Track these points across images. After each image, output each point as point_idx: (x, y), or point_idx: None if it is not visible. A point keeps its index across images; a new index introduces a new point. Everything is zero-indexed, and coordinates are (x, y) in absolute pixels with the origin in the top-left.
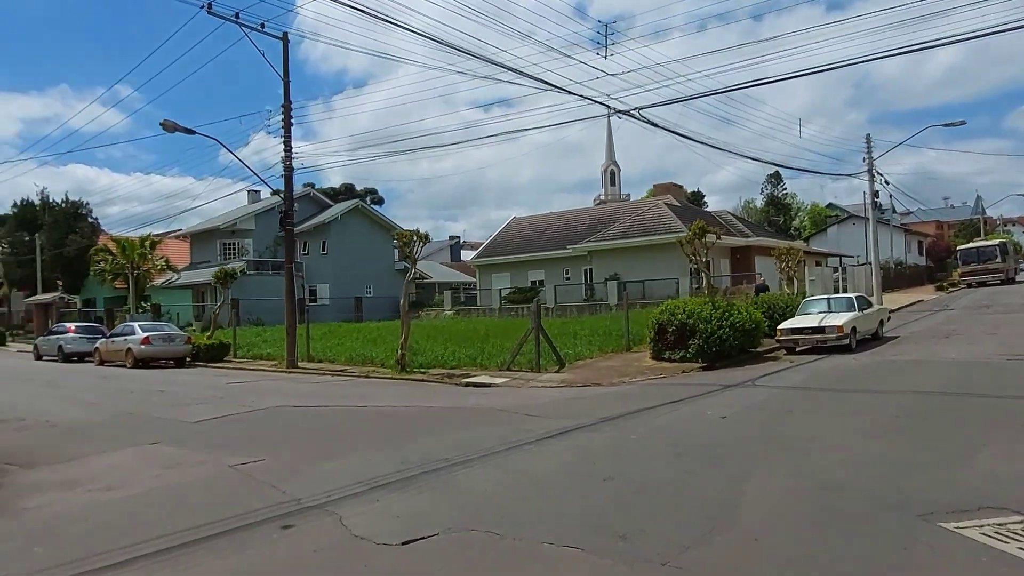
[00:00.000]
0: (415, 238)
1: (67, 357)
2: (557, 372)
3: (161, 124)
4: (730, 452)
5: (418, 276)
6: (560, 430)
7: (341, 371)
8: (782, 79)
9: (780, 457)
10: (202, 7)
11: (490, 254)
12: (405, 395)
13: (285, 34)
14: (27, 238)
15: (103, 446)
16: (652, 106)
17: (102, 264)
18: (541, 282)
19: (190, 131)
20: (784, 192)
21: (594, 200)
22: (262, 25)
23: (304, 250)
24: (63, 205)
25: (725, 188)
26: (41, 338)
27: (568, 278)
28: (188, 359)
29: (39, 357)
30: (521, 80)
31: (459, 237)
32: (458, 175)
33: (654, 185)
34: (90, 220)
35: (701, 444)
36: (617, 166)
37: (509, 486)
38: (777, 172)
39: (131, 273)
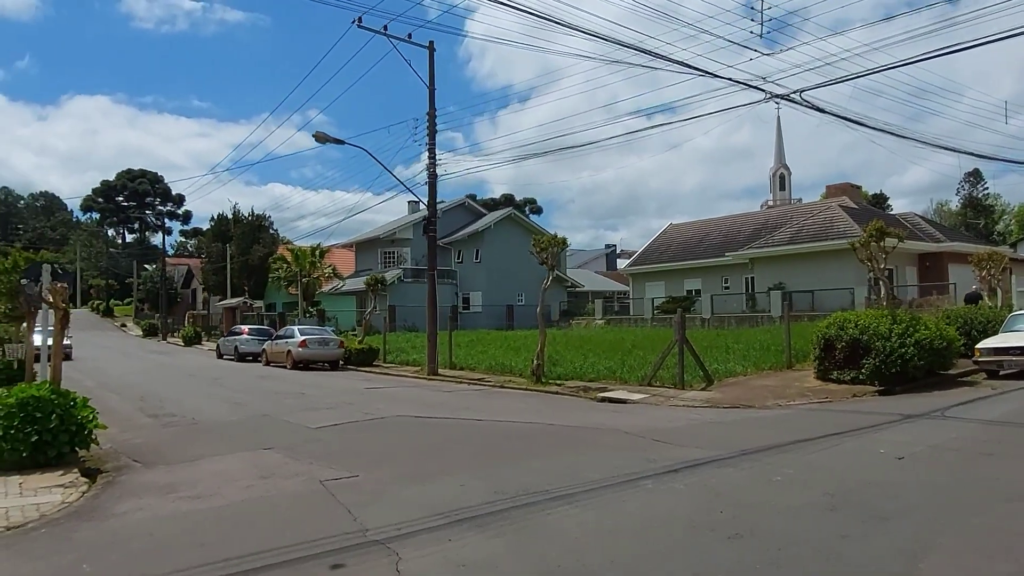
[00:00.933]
0: (552, 243)
1: (242, 357)
2: (703, 390)
3: (314, 136)
4: (906, 509)
5: (569, 285)
6: (688, 462)
7: (479, 380)
8: (984, 42)
9: (975, 521)
10: (353, 22)
11: (644, 262)
12: (531, 409)
13: (431, 43)
14: (219, 248)
15: (224, 448)
16: (816, 87)
17: (279, 272)
18: (697, 291)
19: (340, 141)
20: (985, 192)
21: (761, 206)
22: (409, 35)
23: (458, 258)
24: (249, 218)
25: (913, 190)
26: (222, 339)
27: (727, 287)
28: (341, 362)
29: (220, 356)
30: (683, 75)
31: (615, 246)
32: (619, 184)
33: (827, 187)
34: (271, 231)
35: (867, 495)
36: (787, 169)
37: (605, 534)
38: (977, 170)
39: (300, 280)
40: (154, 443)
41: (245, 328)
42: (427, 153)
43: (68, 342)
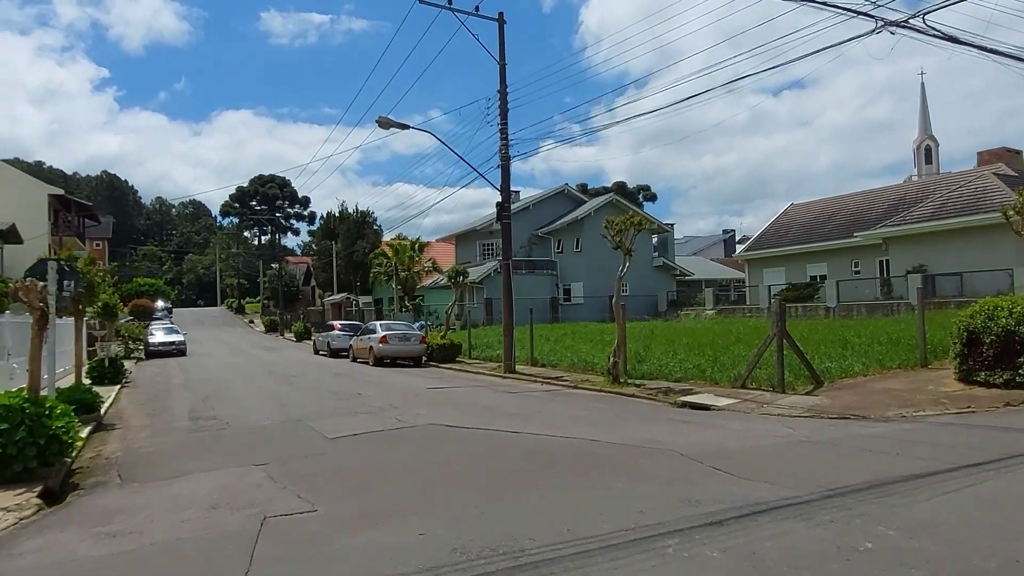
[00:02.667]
0: (627, 224)
1: (334, 352)
2: (808, 394)
3: (377, 122)
4: None
5: (678, 273)
6: (743, 507)
7: (555, 379)
8: None
9: None
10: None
11: (761, 246)
12: (588, 418)
13: (500, 15)
14: (327, 246)
15: (219, 463)
16: (944, 5)
17: (379, 267)
18: (822, 277)
19: (404, 126)
20: None
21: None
22: (476, 8)
23: (558, 248)
24: (354, 215)
25: None
26: (317, 335)
27: (857, 271)
28: (424, 359)
29: (316, 351)
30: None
31: (733, 231)
32: (744, 167)
33: (979, 154)
34: (375, 227)
35: None
36: (934, 140)
37: None
38: None
39: (396, 274)
40: (160, 453)
41: (337, 324)
42: (499, 134)
43: (182, 338)
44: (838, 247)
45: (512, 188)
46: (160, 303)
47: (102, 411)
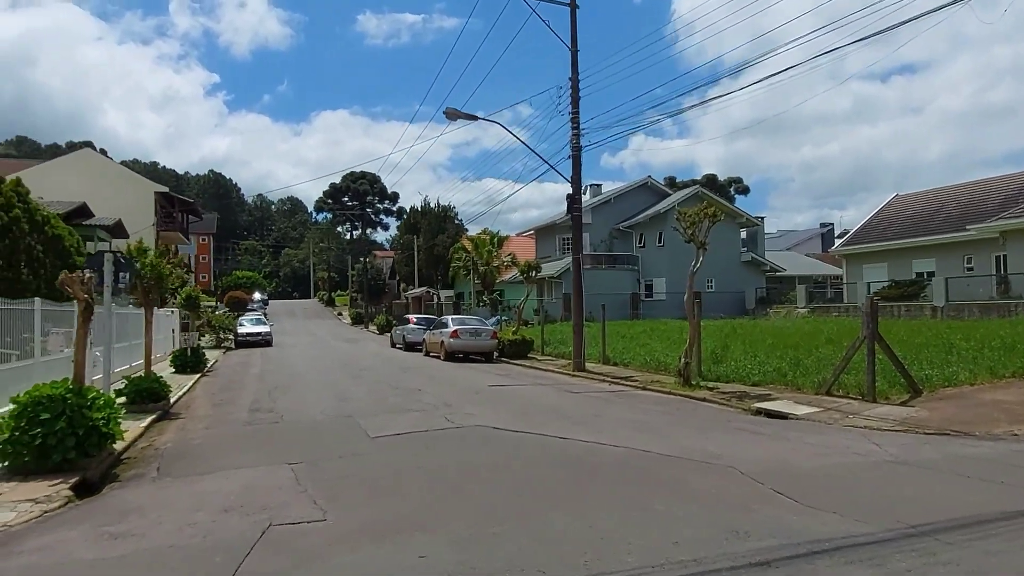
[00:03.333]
0: (701, 216)
1: (409, 346)
2: (903, 404)
3: (445, 113)
4: None
5: (768, 269)
6: (798, 547)
7: (624, 379)
8: None
9: None
10: None
11: (861, 240)
12: (647, 424)
13: (572, 1)
14: (409, 240)
15: (253, 460)
16: None
17: (458, 261)
18: (929, 274)
19: (473, 117)
20: None
21: None
22: None
23: (640, 243)
24: (436, 209)
25: None
26: (394, 328)
27: (970, 268)
28: (495, 354)
29: (393, 344)
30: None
31: (831, 224)
32: (846, 158)
33: None
34: (456, 221)
35: None
36: None
37: None
38: None
39: (474, 268)
40: (207, 446)
41: (412, 318)
42: (570, 123)
43: (268, 329)
44: (948, 241)
45: (595, 182)
46: (257, 295)
47: (171, 400)
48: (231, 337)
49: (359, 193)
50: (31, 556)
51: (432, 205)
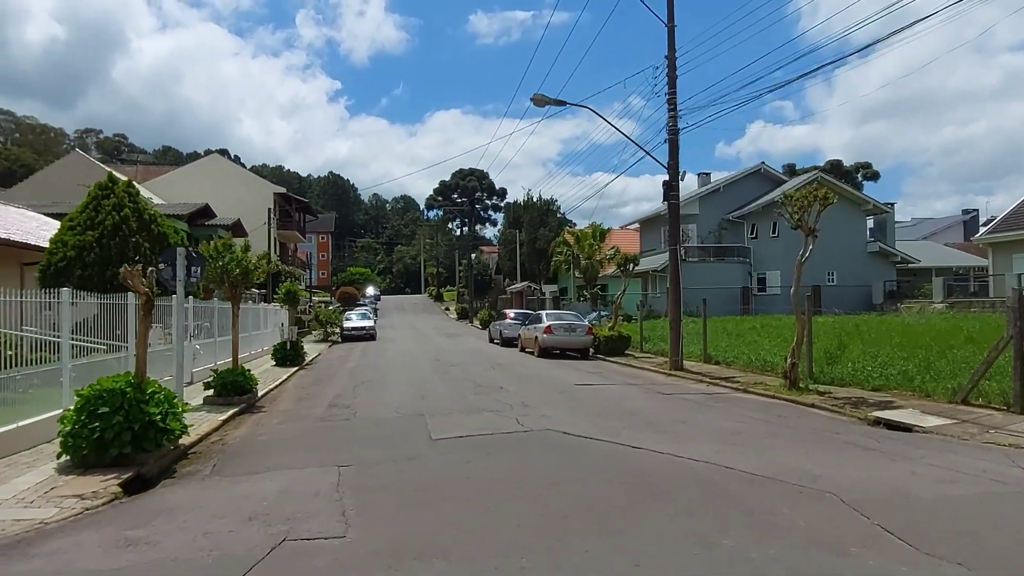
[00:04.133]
0: (809, 199)
1: (506, 342)
2: None
3: (532, 99)
4: None
5: (898, 260)
6: None
7: (724, 380)
8: None
9: None
10: None
11: (1011, 227)
12: (739, 434)
13: None
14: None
15: (307, 460)
16: None
17: (560, 255)
18: None
19: (561, 103)
20: None
21: None
22: None
23: (751, 233)
24: (538, 203)
25: None
26: (492, 323)
27: None
28: (591, 351)
29: (491, 340)
30: None
31: (976, 211)
32: (995, 138)
33: None
34: (558, 215)
35: None
36: None
37: None
38: None
39: (577, 262)
40: (271, 443)
41: (510, 313)
42: (667, 104)
43: (372, 323)
44: None
45: (705, 171)
46: (370, 290)
47: (258, 393)
48: (338, 331)
49: (468, 190)
50: (38, 561)
51: (535, 199)
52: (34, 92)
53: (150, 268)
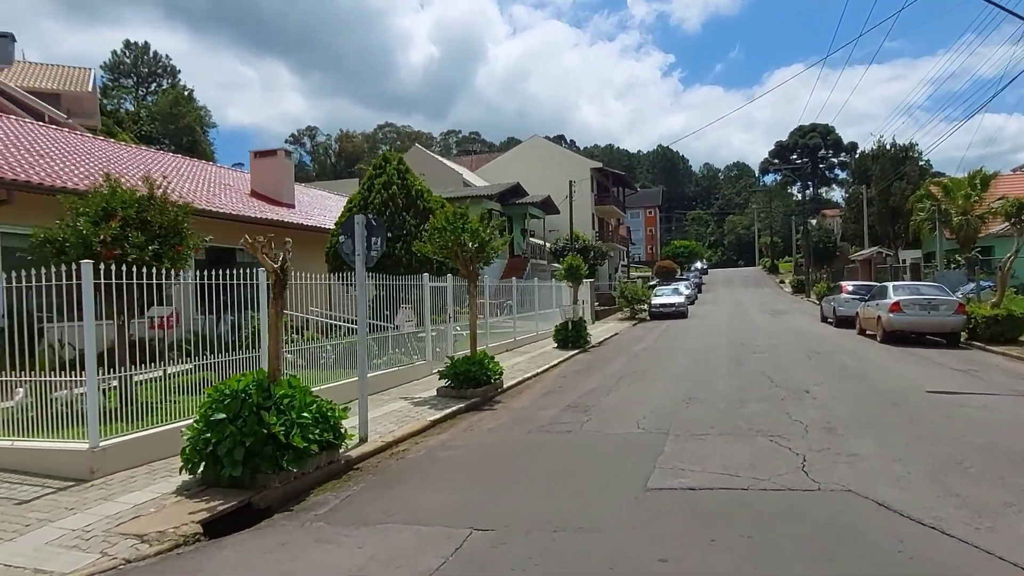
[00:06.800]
0: None
1: (840, 321)
2: None
3: None
4: None
5: None
6: None
7: None
8: None
9: None
10: None
11: None
12: None
13: None
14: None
15: (450, 509)
16: None
17: (921, 212)
18: None
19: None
20: None
21: None
22: None
23: None
24: (891, 151)
25: None
26: (824, 299)
27: None
28: (963, 336)
29: (823, 319)
30: None
31: None
32: None
33: None
34: (920, 163)
35: None
36: None
37: None
38: None
39: (940, 220)
40: (441, 467)
41: (847, 286)
42: None
43: (682, 300)
44: None
45: None
46: (699, 264)
47: (503, 384)
48: (645, 308)
49: (809, 148)
50: None
51: (887, 146)
52: (418, 107)
53: (287, 240)
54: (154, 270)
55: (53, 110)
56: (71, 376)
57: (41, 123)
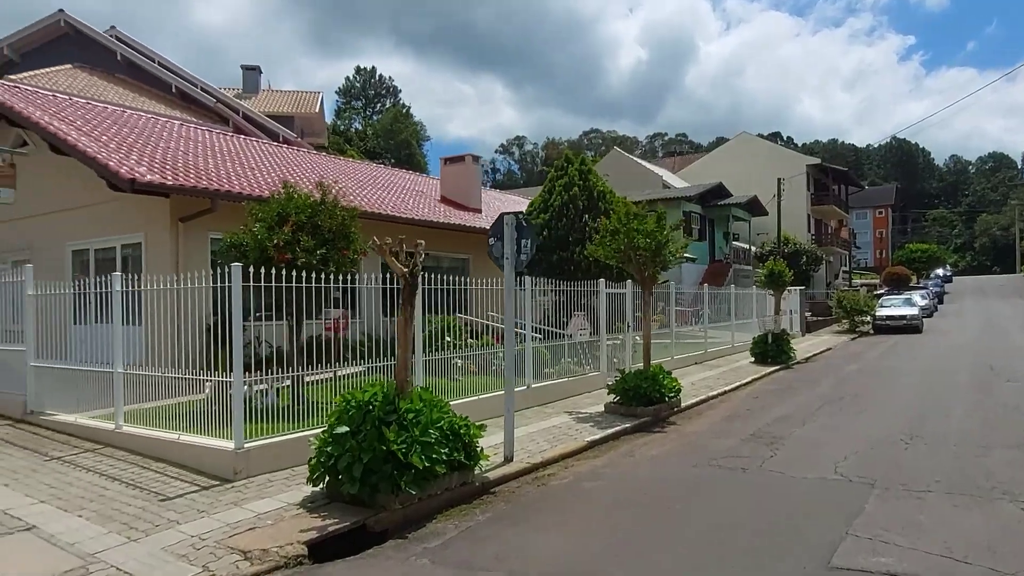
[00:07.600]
0: None
1: None
2: None
3: None
4: None
5: None
6: None
7: None
8: None
9: None
10: None
11: None
12: None
13: None
14: None
15: (574, 558)
16: None
17: None
18: None
19: None
20: None
21: None
22: None
23: None
24: None
25: None
26: None
27: None
28: None
29: None
30: None
31: None
32: None
33: None
34: None
35: None
36: None
37: None
38: None
39: None
40: (579, 500)
41: None
42: None
43: (915, 312)
44: None
45: None
46: (940, 271)
47: (680, 403)
48: (868, 321)
49: None
50: None
51: None
52: (625, 112)
53: (418, 241)
54: (322, 275)
55: (286, 131)
56: (253, 376)
57: (274, 142)
